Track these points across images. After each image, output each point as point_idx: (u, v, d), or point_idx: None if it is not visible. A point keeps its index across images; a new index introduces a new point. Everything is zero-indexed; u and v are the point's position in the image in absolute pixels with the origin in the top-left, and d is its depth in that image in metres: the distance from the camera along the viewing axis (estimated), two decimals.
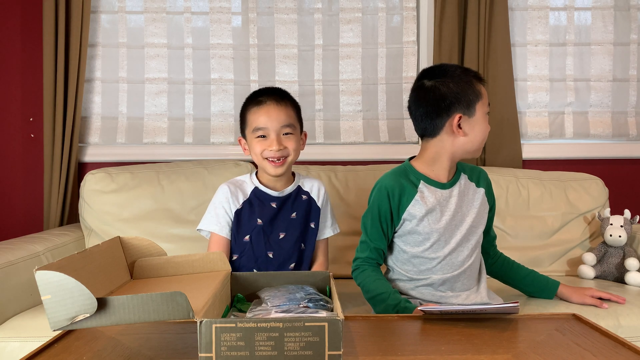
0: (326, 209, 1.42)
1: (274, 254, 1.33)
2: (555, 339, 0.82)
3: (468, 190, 1.29)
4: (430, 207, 1.24)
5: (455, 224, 1.25)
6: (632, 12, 2.20)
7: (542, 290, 1.40)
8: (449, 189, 1.26)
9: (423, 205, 1.23)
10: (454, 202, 1.25)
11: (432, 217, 1.24)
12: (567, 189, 1.94)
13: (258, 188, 1.36)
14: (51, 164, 2.01)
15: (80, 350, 0.78)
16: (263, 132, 1.29)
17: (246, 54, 2.18)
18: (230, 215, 1.34)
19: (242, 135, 1.38)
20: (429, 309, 0.97)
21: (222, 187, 1.37)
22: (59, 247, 1.67)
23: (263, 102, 1.31)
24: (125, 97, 2.16)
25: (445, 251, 1.24)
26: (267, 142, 1.29)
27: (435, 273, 1.25)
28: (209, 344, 0.65)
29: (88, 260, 0.80)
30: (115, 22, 2.16)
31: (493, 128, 2.11)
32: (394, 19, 2.22)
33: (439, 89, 1.20)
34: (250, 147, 1.33)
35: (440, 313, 0.96)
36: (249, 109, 1.33)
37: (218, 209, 1.34)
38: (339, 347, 0.66)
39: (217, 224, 1.34)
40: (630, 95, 2.22)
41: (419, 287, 1.27)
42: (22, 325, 1.35)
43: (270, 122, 1.29)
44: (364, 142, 2.20)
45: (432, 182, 1.26)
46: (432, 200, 1.24)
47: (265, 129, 1.29)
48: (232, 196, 1.34)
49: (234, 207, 1.34)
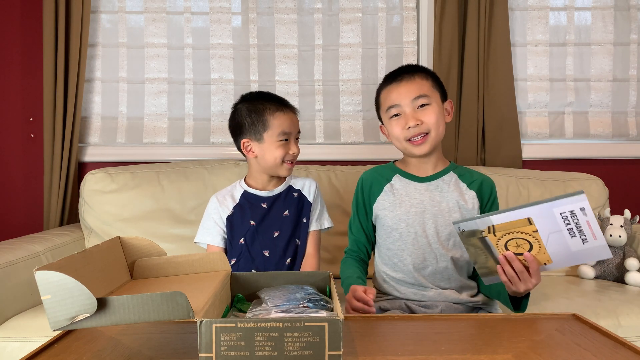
0: (317, 203, 1.43)
1: (270, 252, 1.35)
2: (555, 339, 0.82)
3: (455, 187, 1.25)
4: (399, 198, 1.24)
5: (427, 217, 1.22)
6: (632, 12, 2.20)
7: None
8: (426, 182, 1.25)
9: (391, 195, 1.26)
10: (427, 196, 1.23)
11: (400, 208, 1.24)
12: (567, 189, 1.94)
13: (247, 191, 1.39)
14: (51, 164, 2.01)
15: (80, 350, 0.78)
16: (287, 136, 1.35)
17: (246, 54, 2.18)
18: (221, 225, 1.38)
19: (250, 137, 1.36)
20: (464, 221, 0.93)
21: (211, 199, 1.42)
22: (59, 247, 1.67)
23: (285, 109, 1.35)
24: (125, 97, 2.16)
25: (415, 244, 1.21)
26: (288, 146, 1.35)
27: (407, 266, 1.23)
28: (209, 344, 0.65)
29: (88, 260, 0.80)
30: (115, 22, 2.16)
31: (493, 128, 2.12)
32: (394, 19, 2.22)
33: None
34: (269, 150, 1.34)
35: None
36: (273, 113, 1.34)
37: (208, 221, 1.39)
38: (339, 347, 0.66)
39: (210, 235, 1.38)
40: (630, 95, 2.22)
41: (396, 284, 1.25)
42: (22, 325, 1.35)
43: (293, 127, 1.36)
44: (364, 142, 2.20)
45: (407, 175, 1.27)
46: (402, 192, 1.25)
47: (289, 134, 1.35)
48: (220, 206, 1.38)
49: (225, 214, 1.37)
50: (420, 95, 1.20)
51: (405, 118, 1.20)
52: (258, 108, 1.34)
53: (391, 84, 1.24)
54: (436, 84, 1.25)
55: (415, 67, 1.26)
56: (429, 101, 1.21)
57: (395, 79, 1.24)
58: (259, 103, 1.35)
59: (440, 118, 1.21)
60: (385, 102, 1.24)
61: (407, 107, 1.20)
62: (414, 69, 1.25)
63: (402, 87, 1.22)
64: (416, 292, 1.23)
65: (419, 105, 1.20)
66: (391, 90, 1.23)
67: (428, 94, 1.21)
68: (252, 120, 1.34)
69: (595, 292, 1.57)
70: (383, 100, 1.26)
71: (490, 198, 1.27)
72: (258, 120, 1.34)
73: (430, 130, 1.20)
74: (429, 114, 1.20)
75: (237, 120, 1.37)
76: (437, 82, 1.26)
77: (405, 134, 1.21)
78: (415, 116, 1.20)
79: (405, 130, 1.20)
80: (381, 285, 1.30)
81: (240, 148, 1.39)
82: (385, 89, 1.26)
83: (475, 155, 2.11)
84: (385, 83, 1.26)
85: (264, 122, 1.33)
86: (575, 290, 1.60)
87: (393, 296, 1.26)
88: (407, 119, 1.20)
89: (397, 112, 1.22)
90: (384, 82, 1.27)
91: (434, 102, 1.21)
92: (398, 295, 1.25)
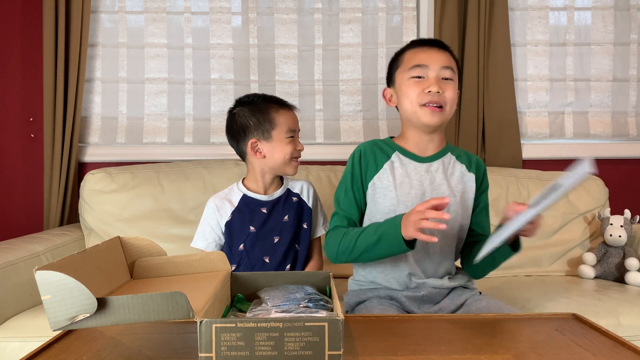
0: (317, 208, 1.43)
1: (270, 258, 1.33)
2: (555, 339, 0.82)
3: (454, 170, 1.21)
4: (399, 179, 1.18)
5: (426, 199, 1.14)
6: (632, 12, 2.20)
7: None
8: (427, 163, 1.20)
9: (390, 173, 1.19)
10: (428, 178, 1.19)
11: (401, 189, 1.17)
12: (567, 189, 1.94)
13: (246, 195, 1.37)
14: (51, 164, 2.01)
15: (80, 350, 0.78)
16: (294, 133, 1.38)
17: (246, 54, 2.18)
18: (217, 231, 1.36)
19: (258, 137, 1.35)
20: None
21: (208, 203, 1.39)
22: (59, 247, 1.67)
23: (288, 107, 1.39)
24: (125, 97, 2.16)
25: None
26: (295, 142, 1.38)
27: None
28: (209, 344, 0.65)
29: (88, 260, 0.80)
30: (115, 22, 2.16)
31: (493, 128, 2.12)
32: (394, 19, 2.22)
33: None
34: (278, 148, 1.35)
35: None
36: (279, 111, 1.36)
37: (204, 226, 1.38)
38: (339, 347, 0.66)
39: (204, 241, 1.37)
40: (630, 95, 2.22)
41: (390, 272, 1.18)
42: (22, 325, 1.35)
43: (297, 125, 1.40)
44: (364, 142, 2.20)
45: (408, 154, 1.21)
46: (401, 172, 1.19)
47: (295, 132, 1.39)
48: (218, 211, 1.36)
49: (223, 220, 1.35)
50: (449, 66, 1.17)
51: (427, 82, 1.15)
52: (261, 107, 1.34)
53: (421, 46, 1.20)
54: (457, 68, 1.23)
55: (445, 45, 1.23)
56: (453, 77, 1.17)
57: (427, 43, 1.21)
58: (260, 103, 1.35)
59: (455, 99, 1.19)
60: (411, 60, 1.18)
61: (433, 71, 1.15)
62: (445, 46, 1.22)
63: (435, 52, 1.18)
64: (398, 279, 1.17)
65: (443, 77, 1.16)
66: (421, 52, 1.18)
67: (454, 70, 1.19)
68: (258, 120, 1.34)
69: (595, 292, 1.57)
70: (407, 60, 1.19)
71: (485, 179, 1.26)
72: (264, 119, 1.33)
73: (446, 104, 1.16)
74: (450, 89, 1.16)
75: (240, 123, 1.35)
76: (458, 66, 1.23)
77: (422, 98, 1.15)
78: (439, 83, 1.15)
79: (424, 94, 1.14)
80: (360, 272, 1.23)
81: (245, 150, 1.36)
82: (413, 50, 1.20)
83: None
84: (413, 45, 1.22)
85: (270, 120, 1.33)
86: (575, 290, 1.60)
87: (376, 284, 1.20)
88: (430, 83, 1.14)
89: (421, 75, 1.16)
90: (411, 44, 1.23)
91: (454, 81, 1.19)
92: (382, 282, 1.19)
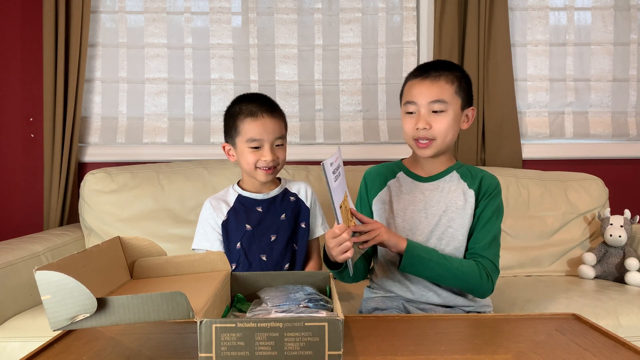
0: (315, 208, 1.43)
1: (268, 257, 1.33)
2: (555, 339, 0.82)
3: (453, 187, 1.24)
4: (398, 195, 1.26)
5: (422, 215, 1.22)
6: (632, 12, 2.20)
7: None
8: (427, 182, 1.26)
9: (391, 190, 1.28)
10: (427, 195, 1.24)
11: (398, 203, 1.25)
12: (567, 189, 1.94)
13: (241, 195, 1.37)
14: (51, 164, 2.01)
15: (80, 350, 0.78)
16: (258, 143, 1.30)
17: (246, 54, 2.18)
18: (217, 230, 1.36)
19: (228, 141, 1.36)
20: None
21: (205, 204, 1.39)
22: (59, 247, 1.67)
23: (259, 115, 1.30)
24: (125, 97, 2.16)
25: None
26: (261, 152, 1.30)
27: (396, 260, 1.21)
28: (209, 344, 0.65)
29: (88, 260, 0.80)
30: (115, 22, 2.16)
31: (493, 128, 2.12)
32: (394, 19, 2.22)
33: None
34: (242, 155, 1.32)
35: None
36: (243, 119, 1.30)
37: (205, 226, 1.37)
38: (339, 347, 0.66)
39: (207, 241, 1.36)
40: (630, 95, 2.22)
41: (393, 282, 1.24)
42: (22, 325, 1.35)
43: (266, 134, 1.29)
44: (364, 142, 2.20)
45: (411, 174, 1.28)
46: (403, 190, 1.27)
47: (260, 140, 1.29)
48: (215, 211, 1.36)
49: (219, 220, 1.35)
50: (438, 100, 1.18)
51: (417, 118, 1.20)
52: (233, 112, 1.33)
53: (416, 79, 1.23)
54: (461, 89, 1.22)
55: (446, 65, 1.23)
56: (445, 108, 1.19)
57: (422, 74, 1.22)
58: (237, 106, 1.33)
59: (452, 126, 1.20)
60: (405, 96, 1.24)
61: (422, 107, 1.19)
62: (443, 68, 1.22)
63: (424, 86, 1.20)
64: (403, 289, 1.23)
65: (433, 110, 1.19)
66: (413, 86, 1.22)
67: (447, 100, 1.19)
68: (228, 124, 1.34)
69: (595, 292, 1.57)
70: (404, 94, 1.25)
71: (486, 194, 1.22)
72: (231, 125, 1.33)
73: (436, 137, 1.19)
74: (440, 122, 1.19)
75: (224, 123, 1.38)
76: (463, 86, 1.22)
77: (414, 133, 1.20)
78: (427, 119, 1.18)
79: (415, 130, 1.20)
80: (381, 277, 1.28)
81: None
82: (409, 83, 1.24)
83: (475, 155, 2.11)
84: (413, 75, 1.25)
85: (235, 127, 1.32)
86: (575, 290, 1.60)
87: (393, 293, 1.25)
88: (419, 120, 1.19)
89: (412, 110, 1.21)
90: (412, 73, 1.25)
91: (450, 109, 1.19)
92: (397, 291, 1.24)
